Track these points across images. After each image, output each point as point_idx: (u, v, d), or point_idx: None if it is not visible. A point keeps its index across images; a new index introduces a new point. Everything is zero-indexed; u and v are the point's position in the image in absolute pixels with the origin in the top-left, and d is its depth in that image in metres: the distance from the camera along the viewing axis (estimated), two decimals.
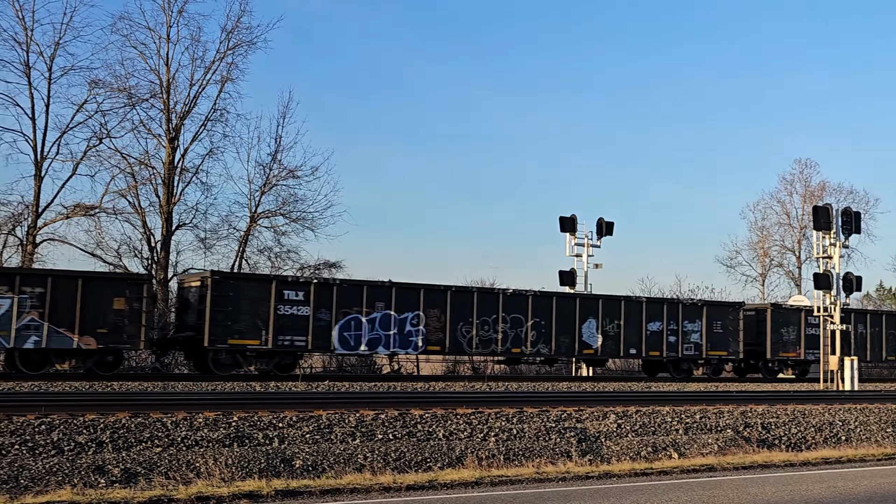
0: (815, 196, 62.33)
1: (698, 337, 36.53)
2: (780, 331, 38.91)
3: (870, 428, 21.30)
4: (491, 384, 30.23)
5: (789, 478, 14.48)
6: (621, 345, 34.83)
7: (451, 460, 15.65)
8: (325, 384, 27.19)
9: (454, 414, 18.03)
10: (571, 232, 40.18)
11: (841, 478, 14.54)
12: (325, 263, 41.62)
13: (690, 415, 20.19)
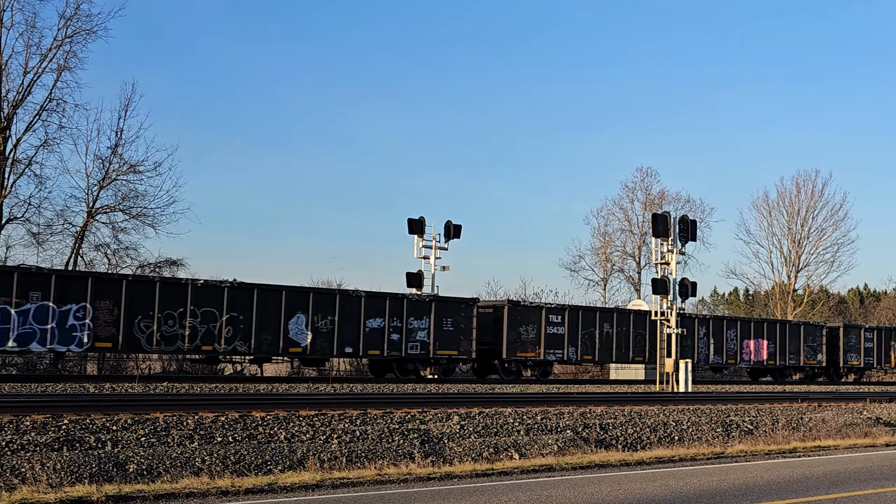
0: (654, 204, 64.48)
1: (425, 335, 34.36)
2: (518, 329, 37.03)
3: (701, 428, 22.11)
4: (336, 386, 30.00)
5: (624, 477, 14.85)
6: (335, 342, 32.08)
7: (293, 463, 15.43)
8: (164, 385, 26.44)
9: (297, 416, 17.78)
10: (419, 234, 40.32)
11: (673, 476, 15.01)
12: (167, 261, 40.45)
13: (532, 416, 20.50)
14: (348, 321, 32.49)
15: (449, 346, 35.13)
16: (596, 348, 39.25)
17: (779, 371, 47.90)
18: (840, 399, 30.55)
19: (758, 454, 18.71)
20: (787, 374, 48.18)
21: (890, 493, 13.36)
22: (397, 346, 33.75)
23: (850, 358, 50.50)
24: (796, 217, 71.10)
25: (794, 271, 70.79)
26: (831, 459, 18.12)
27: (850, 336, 50.79)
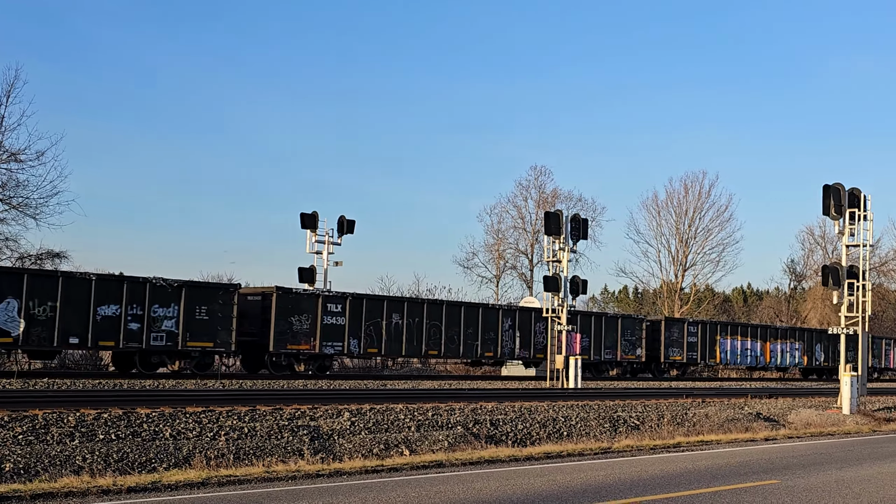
0: (548, 202, 65.35)
1: (173, 324, 30.48)
2: (290, 319, 33.73)
3: (589, 423, 22.44)
4: (225, 382, 29.53)
5: (513, 472, 14.95)
6: (56, 332, 28.01)
7: (178, 460, 15.10)
8: (45, 382, 25.62)
9: (183, 413, 17.40)
10: (312, 229, 40.08)
11: (560, 471, 15.18)
12: (49, 253, 39.23)
13: (423, 412, 20.51)
14: (74, 308, 28.49)
15: (202, 337, 31.41)
16: (383, 341, 36.19)
17: (594, 367, 44.92)
18: (723, 395, 31.39)
19: (643, 449, 19.06)
20: (604, 370, 45.57)
21: (768, 486, 13.75)
22: (137, 336, 29.81)
23: (672, 353, 48.14)
24: (684, 217, 72.90)
25: (682, 270, 72.56)
26: (713, 454, 18.58)
27: (673, 330, 48.60)
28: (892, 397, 35.89)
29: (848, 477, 15.08)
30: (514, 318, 41.11)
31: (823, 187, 29.94)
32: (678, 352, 48.49)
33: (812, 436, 23.31)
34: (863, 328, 30.78)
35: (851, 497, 12.96)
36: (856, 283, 30.36)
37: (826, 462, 17.29)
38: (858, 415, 27.94)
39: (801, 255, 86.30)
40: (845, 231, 30.18)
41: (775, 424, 25.97)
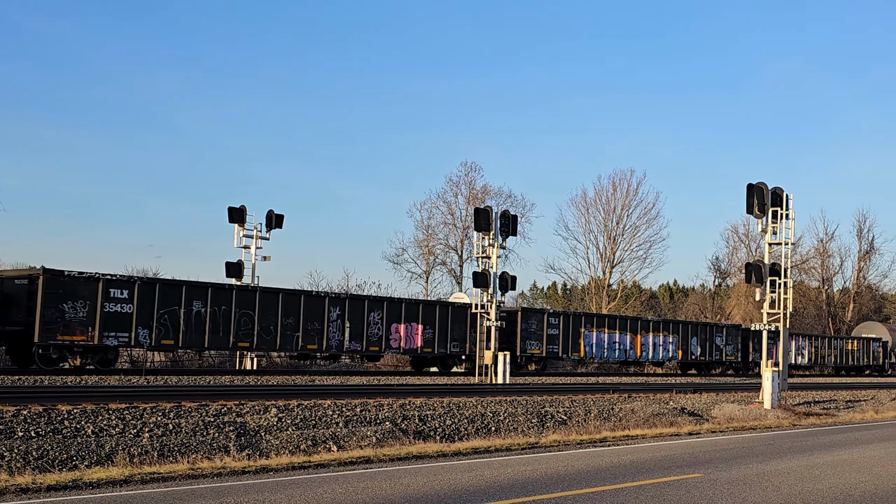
0: (477, 198, 65.57)
1: None
2: (62, 306, 29.65)
3: (517, 419, 22.56)
4: (150, 378, 29.08)
5: (441, 468, 14.97)
6: None
7: (101, 458, 14.82)
8: None
9: (106, 409, 17.10)
10: (240, 223, 39.68)
11: (487, 466, 15.24)
12: None
13: (351, 408, 20.43)
14: None
15: None
16: (181, 331, 32.78)
17: (441, 360, 41.71)
18: (649, 390, 31.81)
19: (570, 444, 19.23)
20: (452, 364, 42.34)
21: (691, 480, 13.97)
22: None
23: (529, 346, 44.80)
24: (612, 215, 73.78)
25: (609, 267, 73.40)
26: (638, 448, 18.81)
27: (531, 322, 45.21)
28: (812, 392, 36.77)
29: (769, 470, 15.39)
30: (343, 308, 37.10)
31: (747, 186, 30.50)
32: (536, 345, 45.26)
33: (735, 430, 23.73)
34: (784, 324, 31.44)
35: (772, 489, 13.23)
36: (778, 281, 30.99)
37: (748, 455, 17.62)
38: (779, 409, 28.54)
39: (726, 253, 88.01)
40: (768, 229, 30.79)
41: (699, 419, 26.40)
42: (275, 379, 31.29)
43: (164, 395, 20.65)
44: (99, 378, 28.07)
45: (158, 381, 28.34)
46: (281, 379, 31.53)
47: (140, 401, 18.64)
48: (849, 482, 14.21)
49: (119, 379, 28.09)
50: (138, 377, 29.16)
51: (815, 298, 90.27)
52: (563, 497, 12.11)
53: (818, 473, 15.13)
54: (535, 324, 45.50)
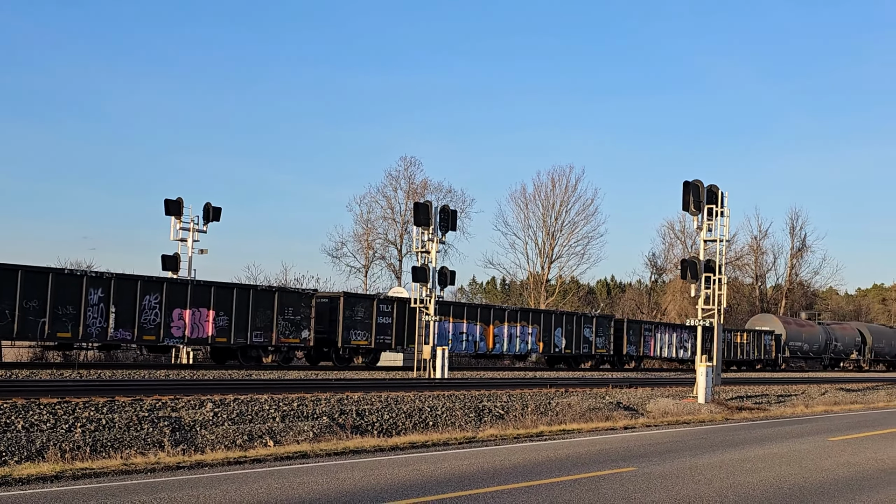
0: (417, 193, 65.60)
1: None
2: None
3: (455, 413, 22.62)
4: (83, 372, 28.62)
5: (378, 462, 14.96)
6: None
7: (31, 453, 14.56)
8: None
9: (37, 404, 16.79)
10: (177, 216, 39.20)
11: (425, 461, 15.26)
12: None
13: (288, 402, 20.31)
14: None
15: None
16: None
17: (242, 352, 35.89)
18: (586, 385, 32.10)
19: (507, 438, 19.33)
20: (254, 357, 36.30)
21: (626, 473, 14.13)
22: None
23: (355, 336, 39.64)
24: (551, 210, 74.28)
25: (548, 262, 73.90)
26: (574, 442, 18.98)
27: (357, 308, 39.98)
28: (744, 387, 37.39)
29: (701, 463, 15.63)
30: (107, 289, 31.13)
31: (684, 184, 30.89)
32: (364, 335, 40.12)
33: (669, 424, 24.05)
34: (718, 320, 31.92)
35: (703, 482, 13.44)
36: (712, 277, 31.45)
37: (681, 449, 17.87)
38: (713, 404, 28.98)
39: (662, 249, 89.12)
40: (703, 226, 31.22)
41: (635, 413, 26.70)
42: (211, 373, 30.99)
43: (97, 389, 20.34)
44: (30, 372, 27.56)
45: (92, 375, 27.91)
46: (217, 373, 31.23)
47: (72, 395, 18.32)
48: (779, 475, 14.49)
49: (51, 373, 27.61)
50: (70, 371, 28.69)
51: (748, 294, 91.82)
52: (499, 491, 12.17)
53: (749, 467, 15.40)
54: (363, 311, 40.17)
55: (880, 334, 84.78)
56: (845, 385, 43.88)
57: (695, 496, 12.25)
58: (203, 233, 40.32)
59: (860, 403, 35.69)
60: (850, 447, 19.16)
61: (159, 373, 30.25)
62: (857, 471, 15.39)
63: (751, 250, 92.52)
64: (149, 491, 11.73)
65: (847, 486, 13.60)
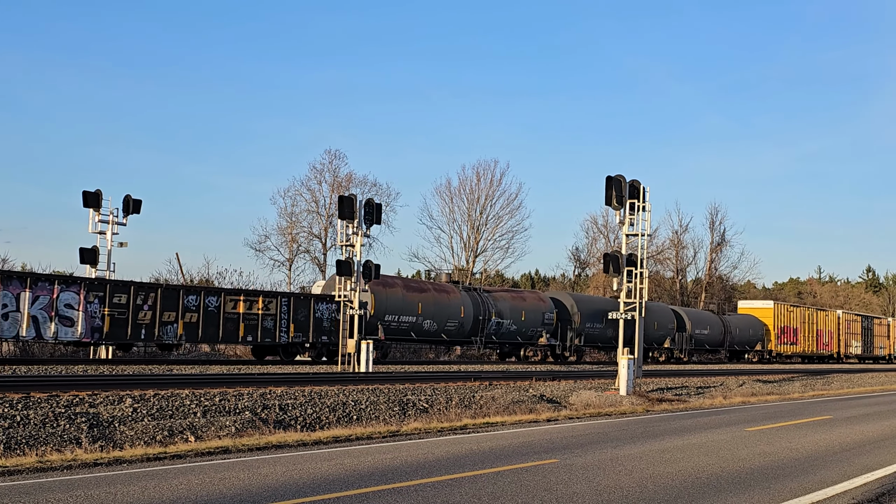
0: (342, 186, 65.25)
1: None
2: None
3: (379, 407, 22.57)
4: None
5: (300, 457, 14.86)
6: None
7: None
8: None
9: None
10: (95, 208, 38.41)
11: (348, 455, 15.20)
12: None
13: (210, 397, 20.06)
14: None
15: None
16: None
17: None
18: (510, 378, 32.28)
19: (431, 431, 19.35)
20: None
21: (548, 465, 14.25)
22: None
23: None
24: (476, 204, 74.57)
25: (473, 256, 74.16)
26: (498, 435, 19.08)
27: None
28: (665, 379, 37.99)
29: (622, 454, 15.83)
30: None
31: (606, 178, 31.25)
32: None
33: (591, 416, 24.31)
34: (640, 313, 32.37)
35: (624, 473, 13.61)
36: (634, 271, 31.88)
37: (603, 441, 18.09)
38: (634, 396, 29.37)
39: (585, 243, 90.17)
40: (625, 221, 31.63)
41: (557, 406, 26.94)
42: (130, 368, 30.45)
43: (11, 385, 19.83)
44: None
45: (6, 370, 27.22)
46: (137, 368, 30.70)
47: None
48: (698, 465, 14.75)
49: None
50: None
51: (669, 288, 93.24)
52: (422, 484, 12.18)
53: (669, 457, 15.65)
54: None
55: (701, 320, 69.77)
56: (762, 377, 44.87)
57: (615, 486, 12.41)
58: (123, 225, 39.57)
59: (776, 394, 36.52)
60: (766, 437, 19.59)
61: (77, 368, 29.63)
62: (773, 460, 15.74)
63: (672, 245, 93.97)
64: (64, 489, 11.48)
65: (763, 475, 13.90)
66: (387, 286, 44.45)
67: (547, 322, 54.23)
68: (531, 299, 54.76)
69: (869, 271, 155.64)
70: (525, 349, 53.92)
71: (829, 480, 13.59)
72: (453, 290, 48.80)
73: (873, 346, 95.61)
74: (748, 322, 76.55)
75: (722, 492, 12.34)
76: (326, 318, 41.23)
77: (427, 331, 46.91)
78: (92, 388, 19.92)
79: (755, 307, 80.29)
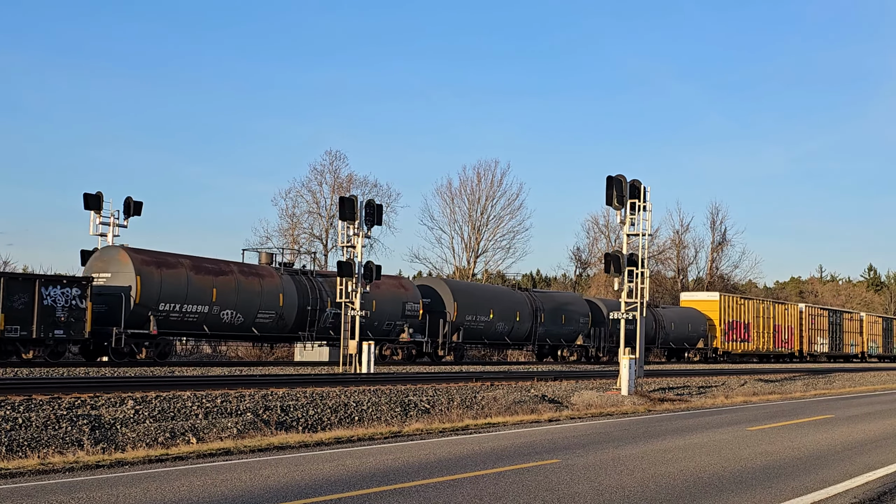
0: (342, 187, 65.30)
1: None
2: None
3: (381, 408, 22.58)
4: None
5: (302, 458, 14.87)
6: None
7: None
8: None
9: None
10: (96, 210, 38.42)
11: (350, 456, 15.21)
12: None
13: (212, 399, 20.07)
14: None
15: None
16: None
17: None
18: (511, 378, 32.28)
19: (433, 432, 19.35)
20: None
21: (550, 465, 14.25)
22: None
23: None
24: (477, 205, 74.59)
25: (474, 256, 74.16)
26: (499, 435, 19.08)
27: None
28: (666, 378, 38.00)
29: (624, 454, 15.83)
30: None
31: (607, 178, 31.24)
32: None
33: (593, 416, 24.31)
34: (641, 313, 32.37)
35: (626, 473, 13.61)
36: (635, 271, 31.87)
37: (604, 441, 18.09)
38: (636, 396, 29.37)
39: (587, 243, 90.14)
40: (626, 220, 31.62)
41: (559, 406, 26.95)
42: (132, 371, 30.47)
43: (12, 387, 19.83)
44: None
45: (8, 373, 27.24)
46: (138, 370, 30.72)
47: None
48: (699, 465, 14.75)
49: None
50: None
51: (671, 288, 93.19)
52: (424, 485, 12.19)
53: (671, 457, 15.65)
54: None
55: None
56: (763, 376, 44.87)
57: (617, 486, 12.41)
58: (124, 227, 39.56)
59: (778, 394, 36.52)
60: (767, 436, 19.59)
61: (79, 370, 29.65)
62: (774, 459, 15.74)
63: (673, 244, 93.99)
64: (66, 491, 11.49)
65: (764, 475, 13.90)
66: (163, 265, 35.82)
67: (409, 314, 45.50)
68: (388, 286, 44.35)
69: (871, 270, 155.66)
70: (382, 346, 44.96)
71: (831, 480, 13.59)
72: (270, 274, 40.71)
73: (843, 343, 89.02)
74: (687, 316, 67.29)
75: (724, 491, 12.34)
76: (62, 307, 31.91)
77: (228, 324, 38.16)
78: (94, 390, 19.94)
79: (698, 299, 72.05)
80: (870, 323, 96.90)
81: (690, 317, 67.41)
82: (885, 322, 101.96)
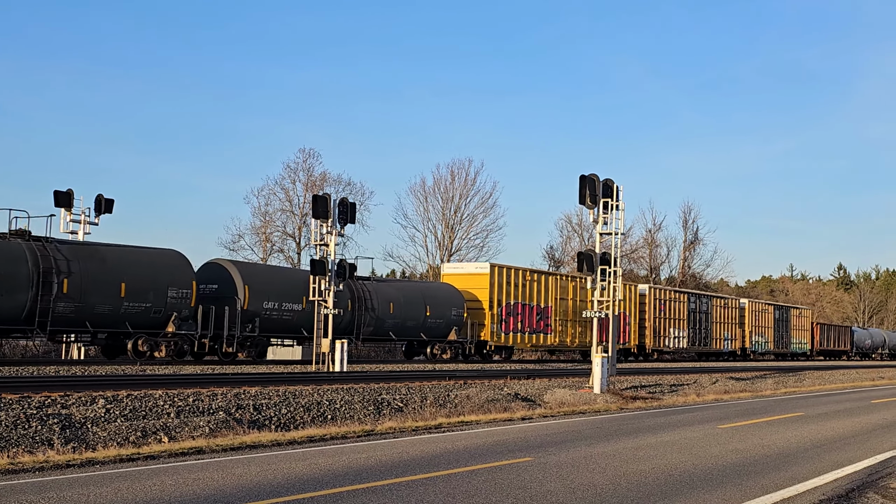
0: (316, 185, 65.04)
1: None
2: None
3: (354, 406, 22.55)
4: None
5: (274, 457, 14.83)
6: None
7: None
8: None
9: None
10: (67, 207, 38.09)
11: (322, 454, 15.19)
12: None
13: (184, 398, 19.96)
14: None
15: None
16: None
17: None
18: (485, 377, 32.32)
19: (406, 430, 19.35)
20: None
21: (522, 463, 14.30)
22: None
23: None
24: (450, 203, 74.52)
25: (448, 255, 74.11)
26: (472, 434, 19.11)
27: None
28: (638, 377, 38.17)
29: (596, 452, 15.91)
30: None
31: (580, 177, 31.32)
32: None
33: (565, 414, 24.39)
34: (613, 311, 32.49)
35: (598, 471, 13.68)
36: (608, 269, 31.98)
37: (577, 439, 18.16)
38: (608, 394, 29.50)
39: (560, 242, 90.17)
40: (599, 219, 31.72)
41: (532, 404, 27.01)
42: (103, 369, 30.25)
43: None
44: None
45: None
46: (110, 369, 30.49)
47: None
48: (671, 462, 14.85)
49: None
50: None
51: None
52: (396, 483, 12.19)
53: (643, 455, 15.74)
54: None
55: None
56: (735, 374, 45.17)
57: (589, 484, 12.47)
58: (95, 225, 39.23)
59: (749, 392, 36.78)
60: (738, 434, 19.74)
61: (49, 369, 29.39)
62: (745, 457, 15.87)
63: (645, 243, 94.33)
64: (36, 490, 11.41)
65: (735, 472, 14.01)
66: None
67: (173, 300, 33.83)
68: (147, 257, 33.97)
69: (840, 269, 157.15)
70: (137, 340, 33.02)
71: (800, 477, 13.72)
72: None
73: (711, 336, 70.07)
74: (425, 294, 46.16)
75: (695, 488, 12.43)
76: None
77: None
78: (64, 388, 19.77)
79: (458, 272, 50.14)
80: (755, 312, 78.27)
81: (432, 295, 46.38)
82: (777, 311, 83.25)
